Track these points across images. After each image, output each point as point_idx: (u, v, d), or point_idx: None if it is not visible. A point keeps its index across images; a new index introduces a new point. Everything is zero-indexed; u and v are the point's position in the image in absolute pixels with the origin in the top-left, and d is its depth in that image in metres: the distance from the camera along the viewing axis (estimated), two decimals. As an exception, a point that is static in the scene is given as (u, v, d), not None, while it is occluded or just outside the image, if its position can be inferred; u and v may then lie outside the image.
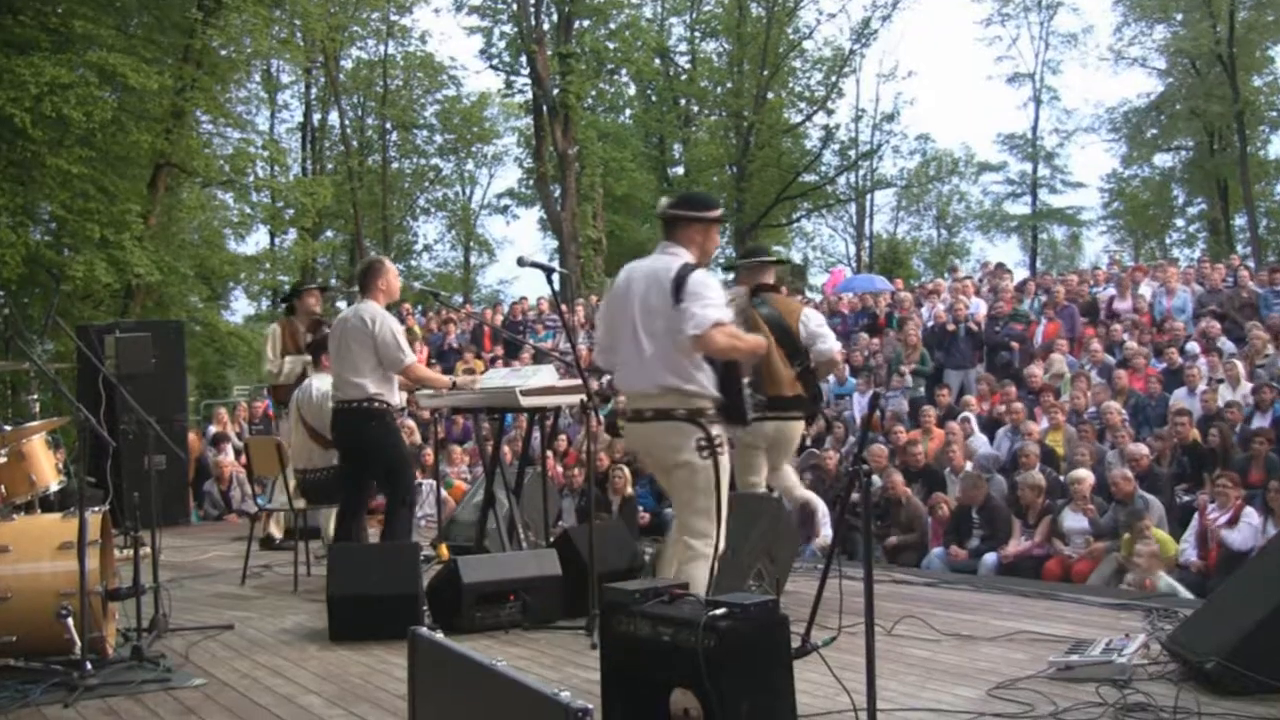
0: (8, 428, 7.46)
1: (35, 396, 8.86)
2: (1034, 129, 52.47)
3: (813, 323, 8.81)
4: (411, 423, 17.56)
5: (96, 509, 6.92)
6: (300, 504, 10.29)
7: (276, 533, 12.49)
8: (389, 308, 9.20)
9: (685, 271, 6.14)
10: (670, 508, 14.17)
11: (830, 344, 8.84)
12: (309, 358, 11.41)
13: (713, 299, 6.10)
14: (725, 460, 6.28)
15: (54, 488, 7.82)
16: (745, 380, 6.49)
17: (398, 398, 9.24)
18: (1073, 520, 11.58)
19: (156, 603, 7.54)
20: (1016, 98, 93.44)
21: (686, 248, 6.36)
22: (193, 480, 16.34)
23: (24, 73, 23.65)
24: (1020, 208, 54.75)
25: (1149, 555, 10.28)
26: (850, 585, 6.13)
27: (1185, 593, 9.79)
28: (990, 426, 15.19)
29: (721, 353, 6.14)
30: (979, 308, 19.70)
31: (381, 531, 9.13)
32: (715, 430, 6.23)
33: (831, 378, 16.74)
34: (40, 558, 6.55)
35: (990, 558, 11.76)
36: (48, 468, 7.73)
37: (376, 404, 8.85)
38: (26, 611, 6.40)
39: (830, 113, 48.72)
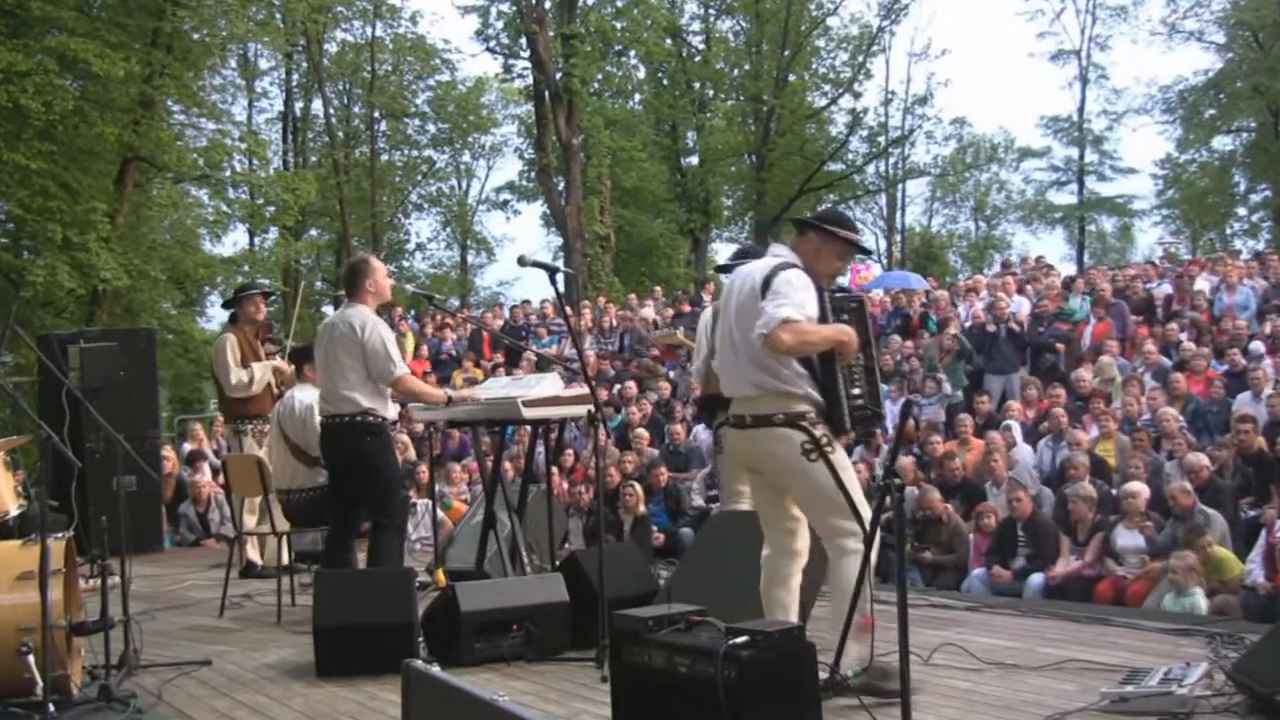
0: (-37, 447, 7.47)
1: (-7, 413, 8.88)
2: (1080, 111, 52.46)
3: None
4: (405, 438, 17.56)
5: (60, 535, 6.92)
6: (284, 527, 10.29)
7: (257, 559, 12.48)
8: (379, 311, 9.21)
9: (775, 270, 6.34)
10: (687, 528, 14.28)
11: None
12: (275, 364, 11.43)
13: (790, 297, 6.20)
14: (840, 455, 6.42)
15: (13, 512, 7.84)
16: (855, 380, 6.57)
17: (392, 411, 9.25)
18: (1126, 538, 11.53)
19: (126, 637, 7.53)
20: (1061, 77, 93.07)
21: (794, 251, 6.59)
22: (167, 502, 16.32)
23: (-25, 58, 23.55)
24: (1066, 197, 54.82)
25: (1185, 569, 10.25)
26: (883, 610, 6.11)
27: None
28: (1035, 436, 15.15)
29: (791, 351, 6.23)
30: (1021, 306, 19.67)
31: (367, 559, 9.14)
32: (819, 431, 6.35)
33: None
34: (-1, 589, 6.55)
35: (1036, 579, 11.70)
36: (6, 490, 7.75)
37: (370, 418, 8.86)
38: (-17, 648, 6.40)
39: (857, 96, 48.92)
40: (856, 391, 6.55)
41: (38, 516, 7.15)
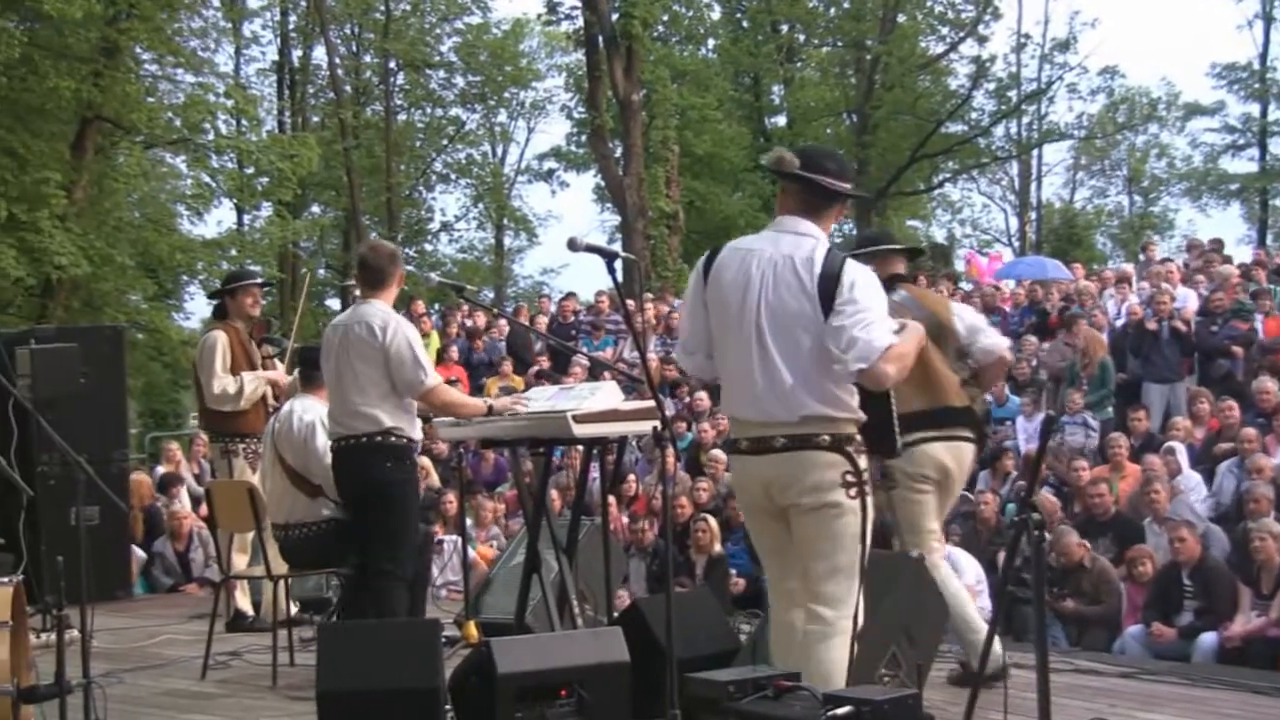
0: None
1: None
2: (1262, 58, 51.87)
3: (968, 315, 8.86)
4: (427, 461, 17.58)
5: (5, 580, 6.97)
6: (280, 569, 10.32)
7: (247, 608, 12.50)
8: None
9: (837, 266, 6.20)
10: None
11: (996, 338, 8.88)
12: (271, 376, 11.47)
13: (874, 309, 6.17)
14: (872, 503, 6.34)
15: (-50, 552, 7.91)
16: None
17: (418, 429, 9.26)
18: (1324, 589, 11.48)
19: (87, 705, 7.56)
20: (1237, 14, 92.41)
21: (821, 228, 6.42)
22: (138, 539, 16.39)
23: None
24: (1243, 164, 54.31)
25: None
26: (1019, 676, 6.09)
27: None
28: (1205, 461, 15.06)
29: (891, 385, 6.25)
30: (1188, 300, 19.56)
31: (370, 612, 9.14)
32: (863, 463, 6.29)
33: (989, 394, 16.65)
34: (-68, 644, 6.60)
35: (1208, 639, 11.62)
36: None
37: (393, 439, 8.88)
38: (-86, 716, 6.45)
39: (983, 40, 48.65)
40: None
41: (-20, 556, 7.22)
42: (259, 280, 12.94)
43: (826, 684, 5.93)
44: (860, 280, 6.17)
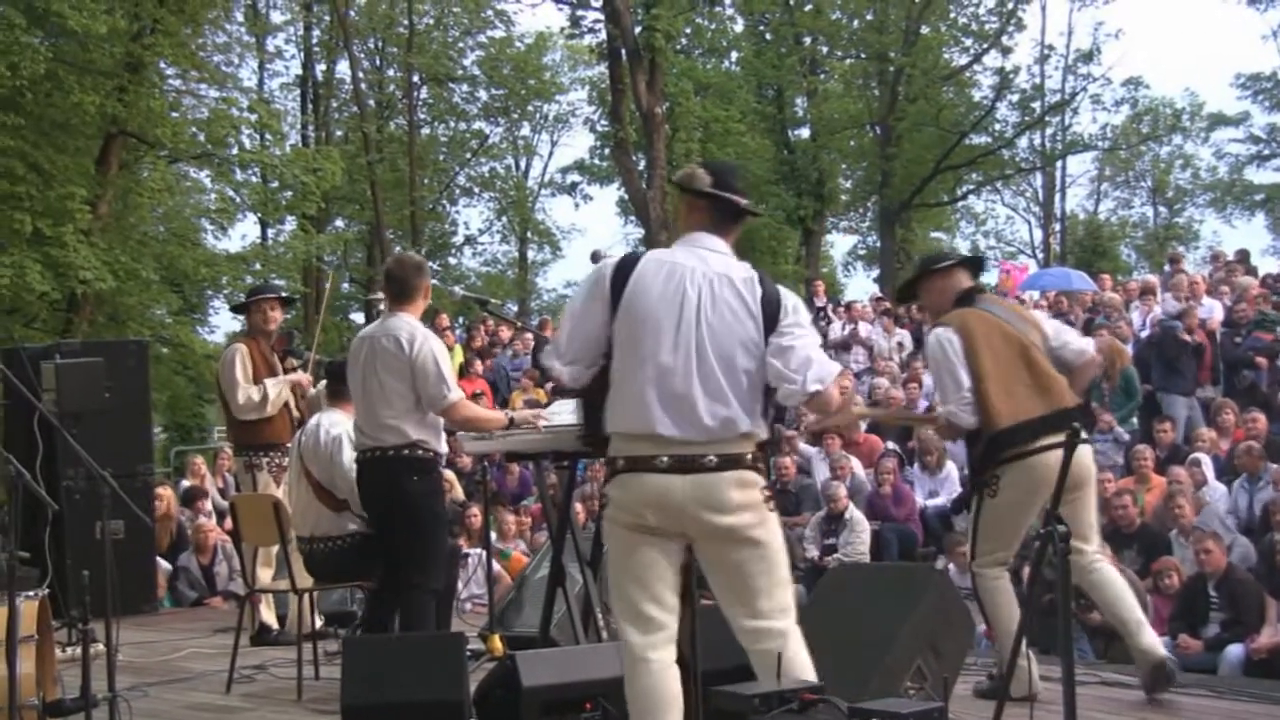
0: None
1: (-52, 445, 8.94)
2: (1287, 67, 51.99)
3: (1050, 320, 8.87)
4: (451, 474, 17.56)
5: (31, 594, 6.97)
6: (305, 583, 10.32)
7: (272, 621, 12.50)
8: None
9: (776, 290, 6.27)
10: (797, 583, 14.23)
11: (1085, 341, 8.88)
12: (292, 378, 11.48)
13: (814, 334, 6.32)
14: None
15: (-24, 565, 7.90)
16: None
17: (443, 442, 9.26)
18: (1353, 600, 11.45)
19: (112, 719, 7.58)
20: (1261, 24, 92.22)
21: (729, 247, 6.48)
22: (162, 552, 16.40)
23: (-79, 13, 23.67)
24: (1268, 175, 54.30)
25: None
26: (1045, 689, 6.07)
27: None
28: (1231, 472, 15.02)
29: (832, 409, 6.40)
30: (1213, 312, 19.52)
31: (399, 625, 9.14)
32: (770, 479, 6.43)
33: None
34: (-43, 659, 6.60)
35: (1234, 651, 11.59)
36: (-34, 539, 7.81)
37: (420, 452, 8.89)
38: (-61, 731, 6.45)
39: (1006, 52, 48.54)
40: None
41: (4, 571, 7.21)
42: (277, 294, 12.89)
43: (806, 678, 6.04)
44: (800, 305, 6.29)
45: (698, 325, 6.13)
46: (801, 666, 6.15)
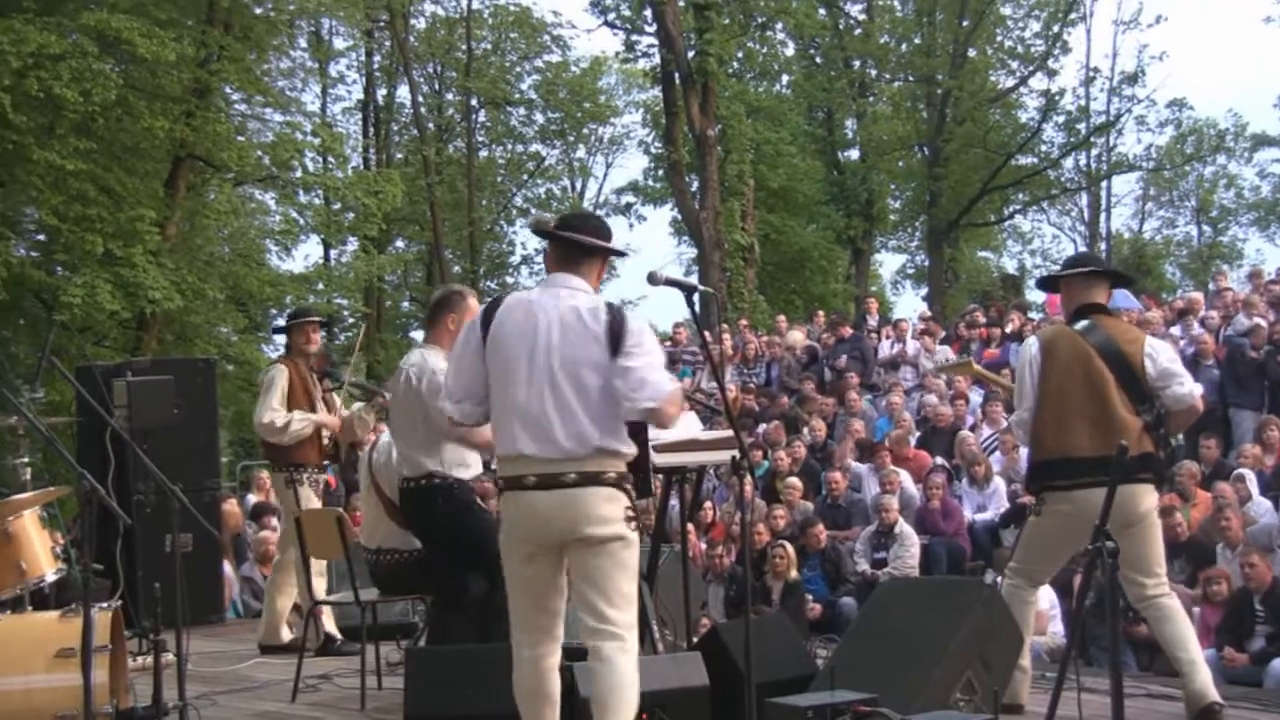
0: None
1: (25, 459, 8.97)
2: (1328, 89, 51.69)
3: (1163, 356, 8.57)
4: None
5: (105, 605, 7.00)
6: (371, 594, 10.33)
7: (335, 632, 12.52)
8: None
9: (621, 317, 6.55)
10: (848, 597, 14.24)
11: (1190, 386, 8.68)
12: (324, 420, 11.49)
13: (659, 358, 6.60)
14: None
15: (50, 577, 7.93)
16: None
17: (467, 469, 9.17)
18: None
19: (183, 726, 7.61)
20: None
21: (589, 283, 6.77)
22: (231, 565, 16.45)
23: (1, 40, 23.66)
24: (1314, 193, 53.96)
25: None
26: (1092, 701, 6.05)
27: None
28: (1276, 488, 14.93)
29: (671, 426, 6.76)
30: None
31: (478, 632, 9.14)
32: (634, 500, 6.64)
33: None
34: (32, 669, 6.63)
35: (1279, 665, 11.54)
36: (42, 552, 7.84)
37: (438, 480, 8.89)
38: (17, 738, 6.48)
39: (1052, 74, 48.47)
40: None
41: (79, 583, 7.23)
42: (316, 320, 12.91)
43: (633, 697, 6.50)
44: (644, 330, 6.58)
45: (549, 354, 6.49)
46: (627, 682, 6.54)
